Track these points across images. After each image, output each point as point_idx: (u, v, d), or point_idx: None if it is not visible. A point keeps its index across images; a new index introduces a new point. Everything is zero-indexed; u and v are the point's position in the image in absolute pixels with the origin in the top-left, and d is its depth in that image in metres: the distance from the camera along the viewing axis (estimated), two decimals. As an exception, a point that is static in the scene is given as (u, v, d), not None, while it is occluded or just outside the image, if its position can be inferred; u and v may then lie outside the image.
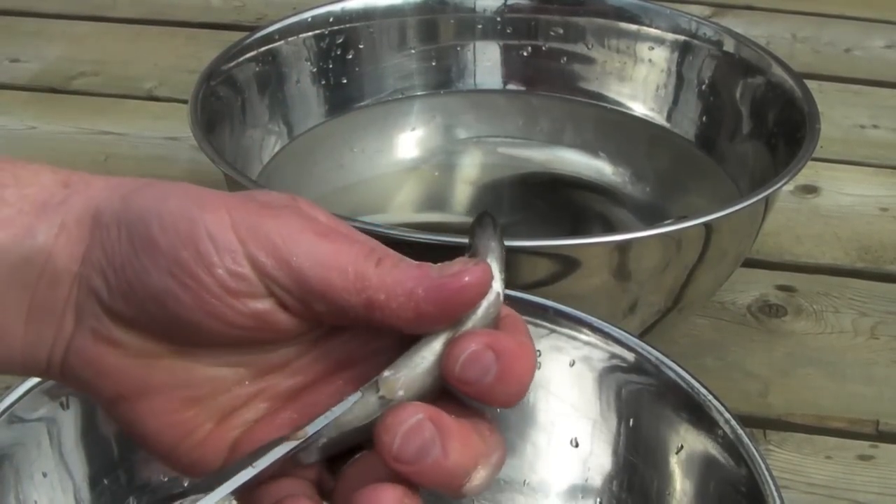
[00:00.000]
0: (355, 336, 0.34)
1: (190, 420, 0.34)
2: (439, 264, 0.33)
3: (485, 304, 0.33)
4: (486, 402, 0.33)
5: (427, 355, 0.33)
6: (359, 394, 0.33)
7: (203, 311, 0.32)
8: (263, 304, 0.32)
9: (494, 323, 0.33)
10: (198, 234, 0.32)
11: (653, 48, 0.72)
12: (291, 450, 0.32)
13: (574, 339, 0.47)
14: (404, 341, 0.33)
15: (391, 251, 0.34)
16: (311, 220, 0.33)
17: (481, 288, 0.32)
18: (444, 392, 0.33)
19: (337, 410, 0.33)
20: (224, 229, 0.32)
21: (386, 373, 0.32)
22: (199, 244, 0.32)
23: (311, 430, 0.32)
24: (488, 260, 0.34)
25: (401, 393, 0.32)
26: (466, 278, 0.32)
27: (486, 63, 0.75)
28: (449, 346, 0.32)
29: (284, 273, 0.32)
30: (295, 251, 0.32)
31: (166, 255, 0.32)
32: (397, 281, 0.32)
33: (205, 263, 0.32)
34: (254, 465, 0.32)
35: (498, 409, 0.46)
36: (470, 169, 0.74)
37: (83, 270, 0.33)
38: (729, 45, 0.69)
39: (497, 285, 0.33)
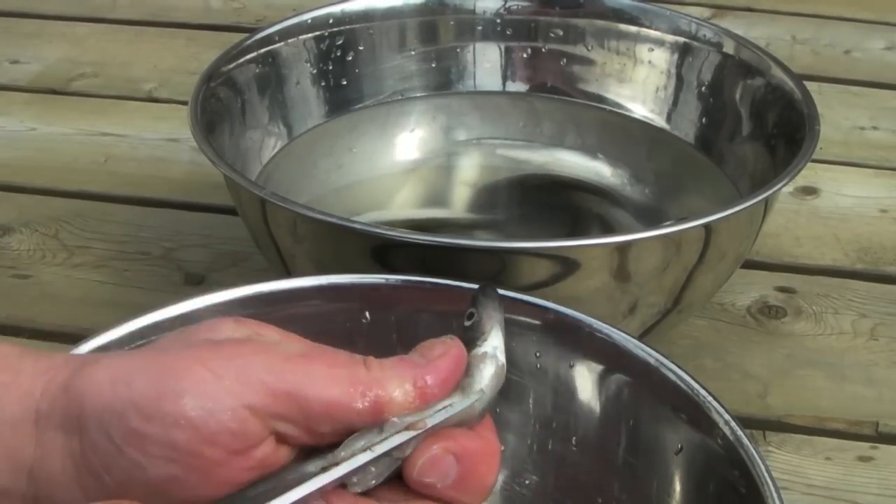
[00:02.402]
0: None
1: None
2: (417, 351, 0.34)
3: (494, 371, 0.34)
4: (448, 502, 0.33)
5: (451, 402, 0.33)
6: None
7: (211, 482, 0.30)
8: (265, 448, 0.31)
9: (500, 389, 0.34)
10: (186, 409, 0.30)
11: (652, 50, 0.72)
12: (411, 438, 0.32)
13: (574, 340, 0.47)
14: None
15: (365, 356, 0.33)
16: (283, 345, 0.33)
17: (464, 362, 0.34)
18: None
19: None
20: (211, 390, 0.30)
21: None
22: (192, 419, 0.30)
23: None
24: (493, 331, 0.35)
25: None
26: (452, 358, 0.33)
27: (485, 64, 0.75)
28: (414, 450, 0.32)
29: (286, 405, 0.31)
30: (290, 381, 0.31)
31: (160, 443, 0.30)
32: (395, 375, 0.32)
33: (204, 437, 0.30)
34: (372, 448, 0.32)
35: (497, 409, 0.46)
36: (469, 170, 0.74)
37: (38, 489, 0.30)
38: (729, 47, 0.69)
39: (502, 356, 0.35)
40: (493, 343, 0.35)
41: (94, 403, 0.30)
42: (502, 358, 0.35)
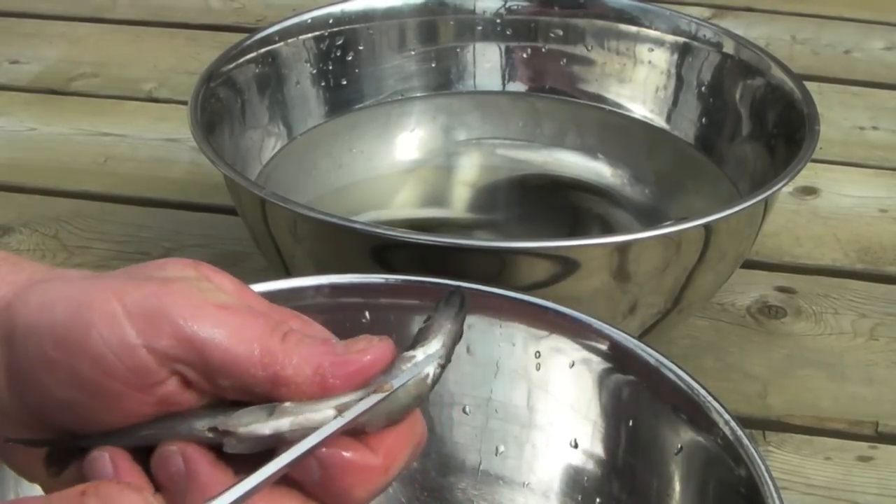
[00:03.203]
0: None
1: None
2: (345, 341, 0.33)
3: (412, 379, 0.33)
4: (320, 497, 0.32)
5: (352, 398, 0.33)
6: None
7: (114, 411, 0.32)
8: (168, 387, 0.32)
9: (418, 401, 0.33)
10: (91, 341, 0.31)
11: (652, 50, 0.72)
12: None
13: (574, 340, 0.47)
14: None
15: (295, 324, 0.33)
16: (212, 292, 0.33)
17: (385, 363, 0.33)
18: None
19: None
20: (117, 326, 0.31)
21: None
22: (93, 352, 0.31)
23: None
24: (436, 339, 0.34)
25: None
26: (370, 356, 0.33)
27: (485, 64, 0.75)
28: None
29: (187, 351, 0.31)
30: (196, 328, 0.31)
31: (65, 370, 0.31)
32: (304, 357, 0.32)
33: (103, 370, 0.31)
34: (343, 415, 0.32)
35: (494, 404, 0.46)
36: (469, 170, 0.74)
37: None
38: (728, 47, 0.69)
39: (431, 368, 0.33)
40: (429, 351, 0.33)
41: (23, 324, 0.32)
42: (431, 369, 0.33)
